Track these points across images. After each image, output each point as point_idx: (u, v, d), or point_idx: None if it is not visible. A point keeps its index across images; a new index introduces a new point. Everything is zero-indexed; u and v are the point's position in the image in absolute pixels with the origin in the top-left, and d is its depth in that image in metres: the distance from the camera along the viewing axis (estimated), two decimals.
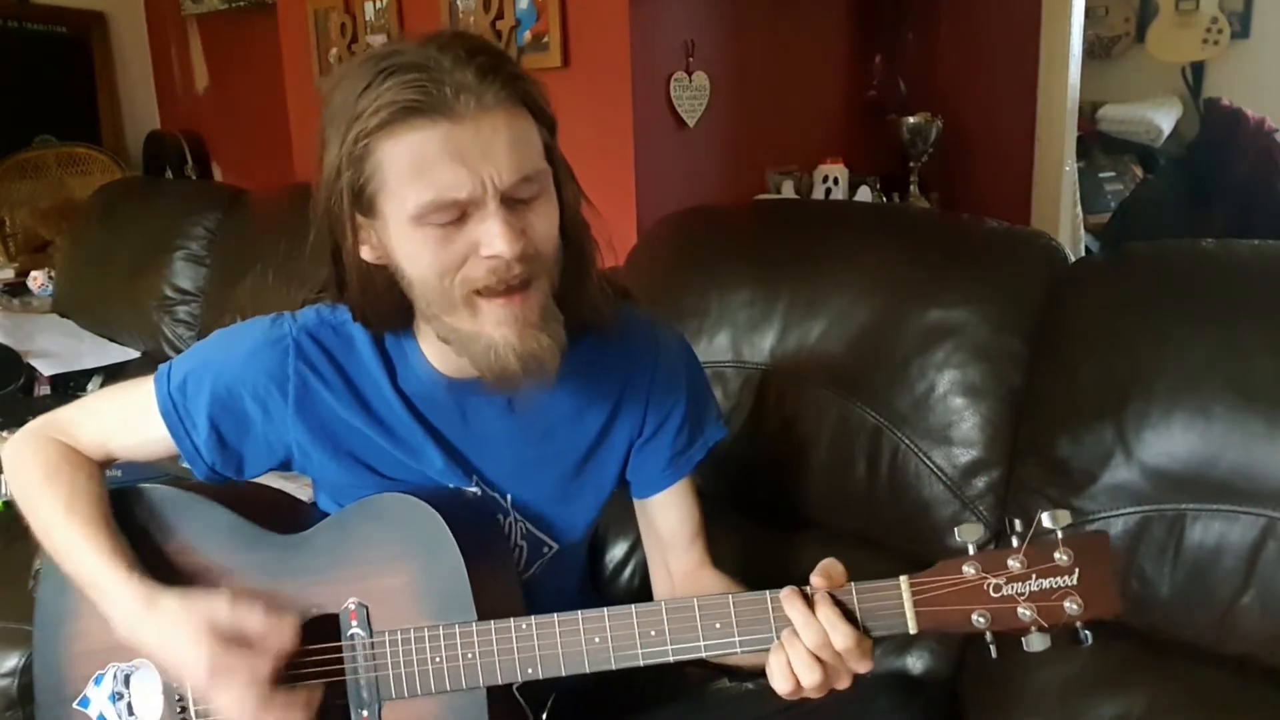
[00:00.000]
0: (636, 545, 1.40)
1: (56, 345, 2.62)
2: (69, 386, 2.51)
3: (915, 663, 1.21)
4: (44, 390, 2.49)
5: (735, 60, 2.06)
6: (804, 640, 0.80)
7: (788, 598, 0.82)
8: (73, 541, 0.95)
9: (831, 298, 1.35)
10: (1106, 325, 1.16)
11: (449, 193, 0.81)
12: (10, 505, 1.83)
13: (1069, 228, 2.68)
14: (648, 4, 1.86)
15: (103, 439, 1.02)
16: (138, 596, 0.91)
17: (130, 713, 0.99)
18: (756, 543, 1.34)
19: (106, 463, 1.04)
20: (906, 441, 1.26)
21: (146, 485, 1.02)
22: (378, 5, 2.37)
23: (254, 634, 0.88)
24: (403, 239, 0.85)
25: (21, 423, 1.07)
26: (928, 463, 1.25)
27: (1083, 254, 1.65)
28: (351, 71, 0.84)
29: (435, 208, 0.82)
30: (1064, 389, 1.17)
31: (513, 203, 0.84)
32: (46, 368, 2.50)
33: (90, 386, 2.53)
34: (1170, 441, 1.07)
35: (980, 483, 1.22)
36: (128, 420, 1.02)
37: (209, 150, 3.51)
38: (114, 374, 2.53)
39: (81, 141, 3.47)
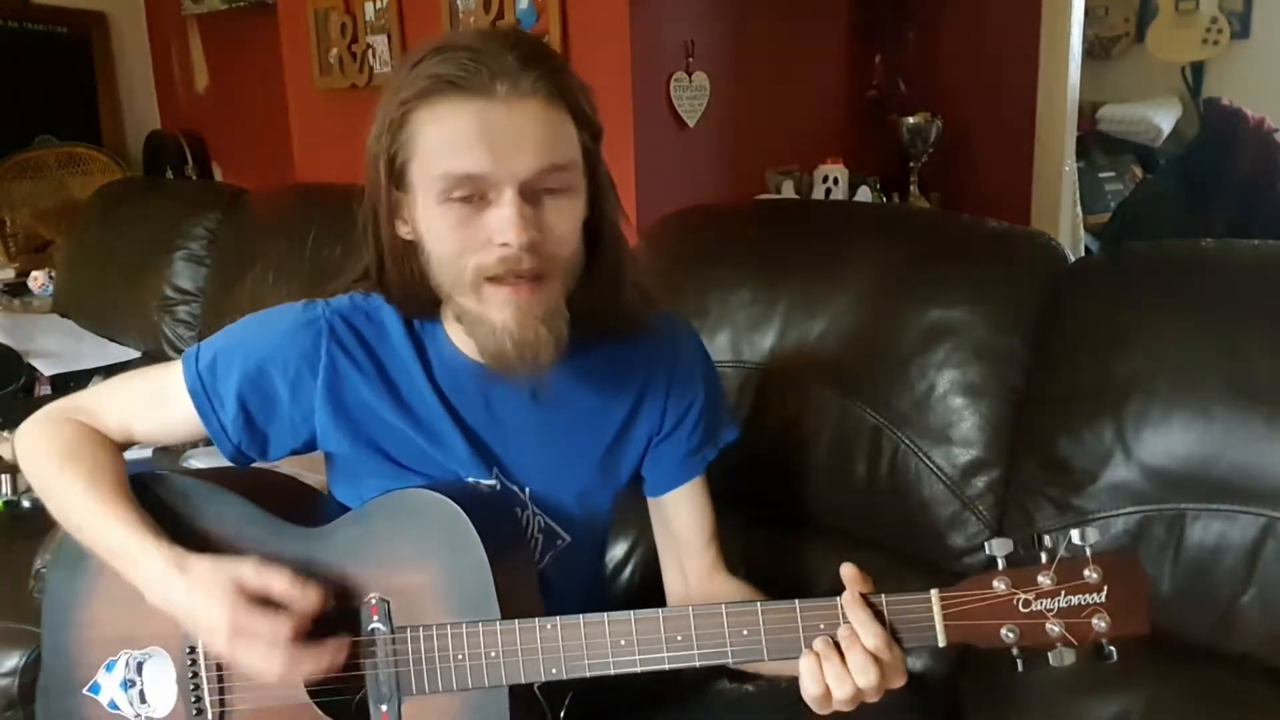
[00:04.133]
0: (636, 545, 1.40)
1: (57, 345, 2.62)
2: (69, 387, 2.51)
3: (915, 661, 1.21)
4: (44, 390, 2.49)
5: (735, 60, 2.07)
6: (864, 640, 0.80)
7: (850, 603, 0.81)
8: (97, 515, 0.95)
9: (831, 298, 1.35)
10: (1106, 325, 1.16)
11: (468, 167, 0.83)
12: (10, 505, 1.84)
13: (1069, 228, 2.68)
14: (648, 4, 1.86)
15: (126, 420, 1.03)
16: (168, 559, 0.91)
17: (143, 700, 0.99)
18: (756, 542, 1.34)
19: (126, 445, 1.04)
20: (906, 441, 1.26)
21: (167, 474, 1.02)
22: (378, 5, 2.37)
23: (279, 596, 0.89)
24: (427, 214, 0.88)
25: (21, 422, 1.07)
26: (928, 463, 1.25)
27: (1083, 254, 1.66)
28: (409, 55, 0.88)
29: (455, 181, 0.84)
30: (1064, 389, 1.17)
31: (533, 194, 0.85)
32: (47, 368, 2.50)
33: (90, 386, 2.53)
34: (1170, 441, 1.07)
35: (980, 482, 1.22)
36: (154, 401, 1.02)
37: (209, 150, 3.51)
38: (114, 374, 2.52)
39: (81, 141, 3.47)
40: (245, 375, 0.98)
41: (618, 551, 1.41)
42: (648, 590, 1.27)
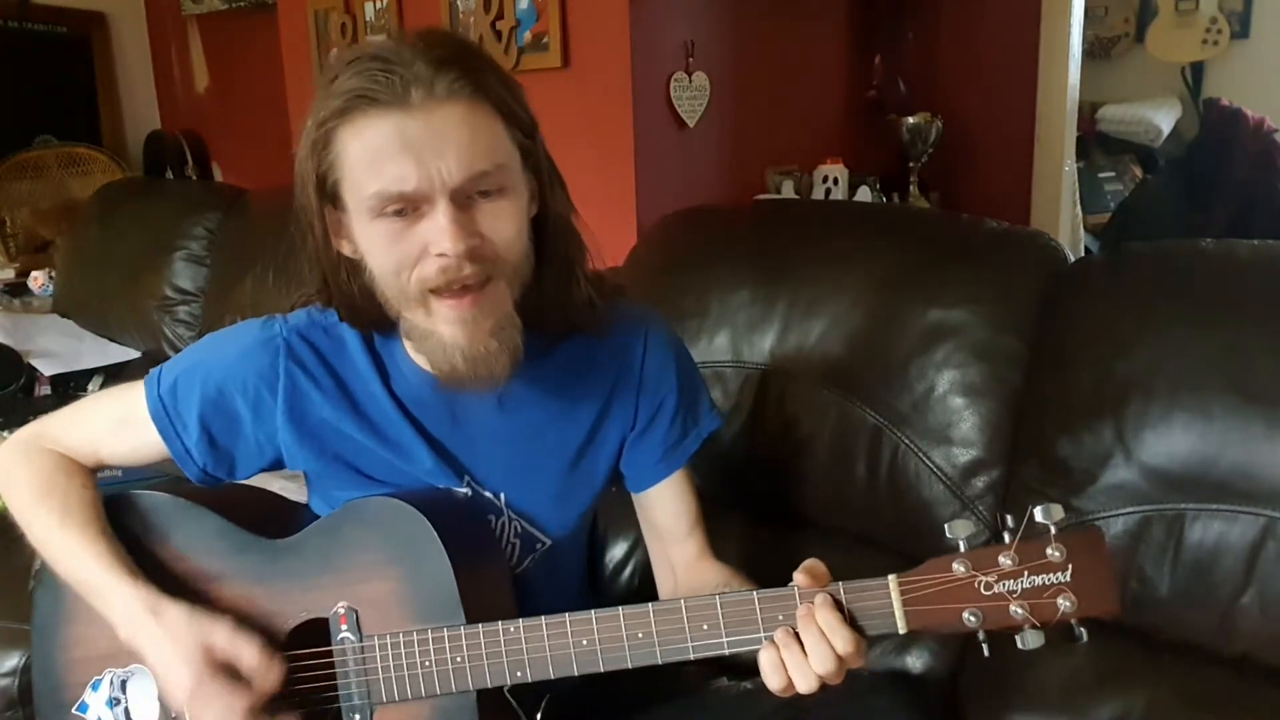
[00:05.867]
0: (636, 545, 1.40)
1: (57, 345, 2.62)
2: (69, 386, 2.51)
3: (915, 661, 1.21)
4: (44, 390, 2.49)
5: (735, 60, 2.06)
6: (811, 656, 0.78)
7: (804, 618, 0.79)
8: (71, 550, 0.94)
9: (831, 298, 1.35)
10: (1106, 325, 1.16)
11: (396, 185, 0.82)
12: None
13: (1068, 228, 2.68)
14: (648, 4, 1.86)
15: (93, 446, 1.02)
16: (142, 601, 0.91)
17: (128, 717, 0.98)
18: (756, 543, 1.34)
19: (98, 469, 1.03)
20: (906, 441, 1.26)
21: (137, 493, 1.01)
22: (378, 5, 2.37)
23: (244, 668, 0.89)
24: (363, 232, 0.86)
25: (22, 422, 1.07)
26: (928, 463, 1.25)
27: (1082, 254, 1.66)
28: (327, 69, 0.86)
29: (384, 199, 0.82)
30: (1064, 389, 1.17)
31: (466, 200, 0.84)
32: (47, 368, 2.50)
33: (90, 386, 2.53)
34: (1170, 441, 1.07)
35: (980, 483, 1.23)
36: (119, 426, 1.02)
37: (209, 150, 3.51)
38: (114, 374, 2.53)
39: (82, 141, 3.46)
40: (205, 398, 0.97)
41: (618, 552, 1.41)
42: (647, 590, 1.27)
